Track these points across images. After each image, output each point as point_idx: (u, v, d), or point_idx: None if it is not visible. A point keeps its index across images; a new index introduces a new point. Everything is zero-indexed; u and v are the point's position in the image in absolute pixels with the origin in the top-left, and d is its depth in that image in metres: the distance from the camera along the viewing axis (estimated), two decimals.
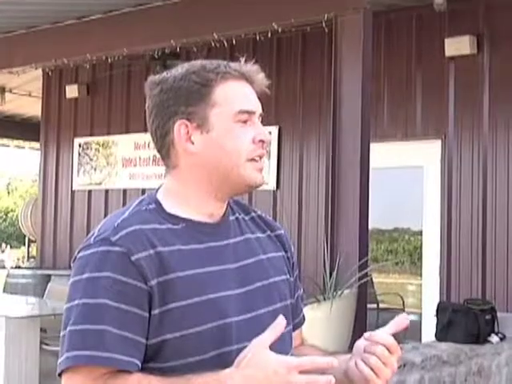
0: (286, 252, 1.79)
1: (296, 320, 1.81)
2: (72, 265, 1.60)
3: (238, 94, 1.63)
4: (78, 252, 1.59)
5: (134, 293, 1.51)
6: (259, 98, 1.69)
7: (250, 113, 1.63)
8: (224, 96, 1.62)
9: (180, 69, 1.65)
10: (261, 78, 1.67)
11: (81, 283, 1.53)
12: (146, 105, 1.68)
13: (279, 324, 1.47)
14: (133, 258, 1.52)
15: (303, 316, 1.87)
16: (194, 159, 1.63)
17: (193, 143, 1.62)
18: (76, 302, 1.52)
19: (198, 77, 1.62)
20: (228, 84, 1.62)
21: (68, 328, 1.51)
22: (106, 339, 1.48)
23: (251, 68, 1.67)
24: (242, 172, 1.62)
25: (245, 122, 1.62)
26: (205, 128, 1.61)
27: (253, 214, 1.79)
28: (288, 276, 1.76)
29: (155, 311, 1.52)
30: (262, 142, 1.64)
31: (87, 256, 1.56)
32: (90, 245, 1.58)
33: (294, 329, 1.80)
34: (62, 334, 1.53)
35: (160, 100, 1.64)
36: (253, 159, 1.62)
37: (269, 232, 1.78)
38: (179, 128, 1.62)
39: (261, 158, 1.64)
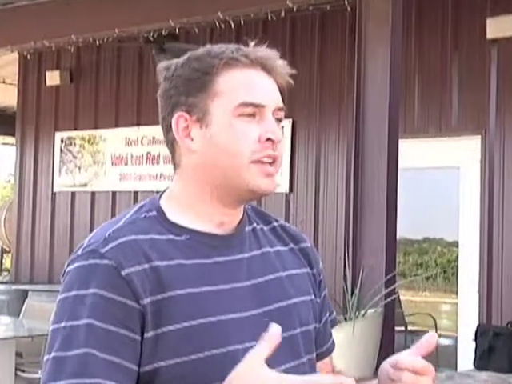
0: (311, 268, 1.78)
1: (323, 348, 1.81)
2: (61, 280, 1.62)
3: (243, 83, 1.61)
4: (67, 265, 1.61)
5: (124, 312, 1.52)
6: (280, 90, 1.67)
7: (258, 106, 1.61)
8: (227, 85, 1.61)
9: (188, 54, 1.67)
10: (280, 65, 1.65)
11: (67, 302, 1.55)
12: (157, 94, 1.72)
13: (274, 334, 1.43)
14: (123, 273, 1.53)
15: (333, 342, 1.87)
16: (194, 158, 1.63)
17: (192, 139, 1.63)
18: (62, 323, 1.53)
19: (200, 63, 1.62)
20: (234, 72, 1.62)
21: (52, 354, 1.52)
22: (89, 364, 1.48)
23: (267, 53, 1.64)
24: (243, 175, 1.60)
25: (250, 116, 1.61)
26: (204, 122, 1.61)
27: (274, 223, 1.79)
28: (313, 296, 1.75)
29: (148, 334, 1.52)
30: (271, 141, 1.61)
31: (74, 270, 1.57)
32: (77, 257, 1.58)
33: (321, 357, 1.80)
34: (45, 358, 1.54)
35: (164, 89, 1.66)
36: (259, 161, 1.60)
37: (292, 245, 1.78)
38: (177, 121, 1.63)
39: (273, 161, 1.61)
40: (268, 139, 1.60)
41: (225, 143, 1.60)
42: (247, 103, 1.60)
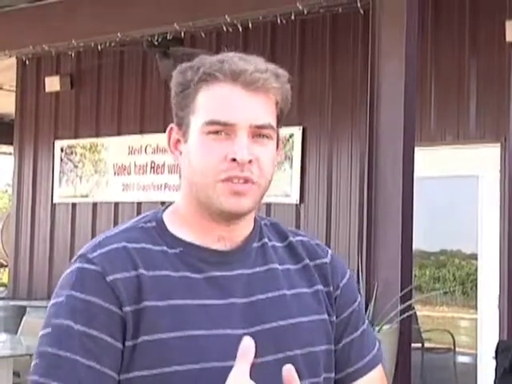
0: (326, 286, 1.78)
1: (350, 369, 1.78)
2: None
3: (212, 100, 1.64)
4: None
5: (107, 318, 1.57)
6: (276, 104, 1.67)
7: (225, 124, 1.62)
8: (201, 102, 1.65)
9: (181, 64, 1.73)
10: (262, 78, 1.63)
11: (54, 306, 1.61)
12: None
13: (246, 347, 1.47)
14: (108, 279, 1.58)
15: (372, 359, 1.82)
16: (183, 172, 1.70)
17: (180, 153, 1.70)
18: (49, 328, 1.59)
19: (183, 77, 1.67)
20: (211, 87, 1.64)
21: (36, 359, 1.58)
22: (61, 367, 1.53)
23: (245, 66, 1.64)
24: (210, 194, 1.64)
25: (217, 133, 1.62)
26: (185, 137, 1.67)
27: (290, 239, 1.80)
28: (325, 316, 1.74)
29: (128, 343, 1.57)
30: (237, 162, 1.61)
31: (65, 275, 1.64)
32: (71, 262, 1.66)
33: (353, 378, 1.78)
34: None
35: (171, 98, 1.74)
36: (227, 180, 1.62)
37: (307, 261, 1.78)
38: (169, 133, 1.71)
39: (244, 180, 1.62)
40: (233, 159, 1.62)
41: (195, 161, 1.65)
42: (213, 121, 1.63)
